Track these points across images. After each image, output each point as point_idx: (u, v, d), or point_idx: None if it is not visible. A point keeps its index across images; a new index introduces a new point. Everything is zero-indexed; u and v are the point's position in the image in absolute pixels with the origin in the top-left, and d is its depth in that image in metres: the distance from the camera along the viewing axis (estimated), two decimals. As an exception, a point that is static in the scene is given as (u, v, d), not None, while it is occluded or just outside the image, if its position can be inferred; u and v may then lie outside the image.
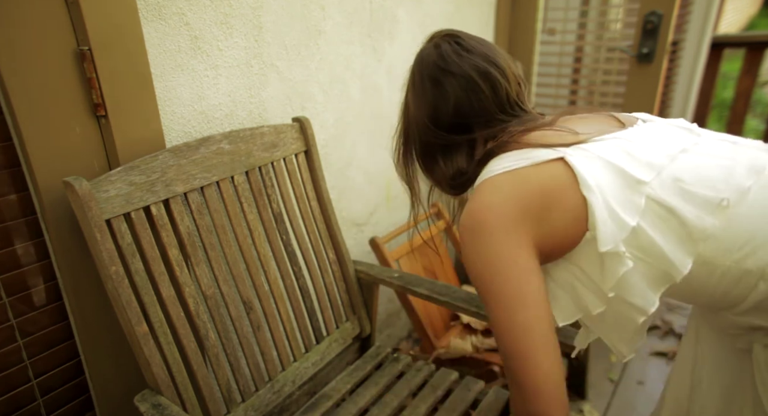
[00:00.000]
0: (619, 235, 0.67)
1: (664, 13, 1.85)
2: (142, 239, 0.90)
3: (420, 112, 0.83)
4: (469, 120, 0.81)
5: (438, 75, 0.81)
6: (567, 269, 0.74)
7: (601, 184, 0.68)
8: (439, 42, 0.84)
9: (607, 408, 1.67)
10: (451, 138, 0.82)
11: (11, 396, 0.95)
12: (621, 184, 0.69)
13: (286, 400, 1.18)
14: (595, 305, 0.72)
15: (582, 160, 0.69)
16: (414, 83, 0.85)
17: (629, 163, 0.70)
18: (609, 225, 0.67)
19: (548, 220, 0.69)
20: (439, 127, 0.82)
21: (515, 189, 0.70)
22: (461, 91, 0.80)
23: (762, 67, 2.54)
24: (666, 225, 0.69)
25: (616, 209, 0.68)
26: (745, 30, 7.59)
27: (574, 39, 2.42)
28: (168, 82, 1.02)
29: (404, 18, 1.62)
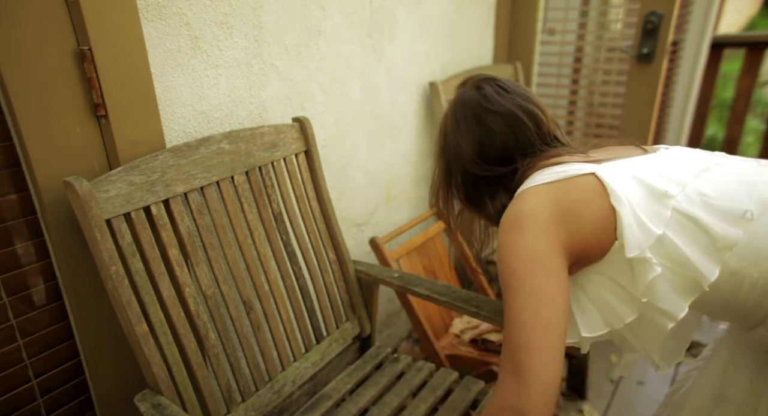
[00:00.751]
0: (645, 242, 0.72)
1: (665, 13, 1.85)
2: (142, 239, 0.90)
3: (467, 150, 0.90)
4: (514, 153, 0.89)
5: (482, 114, 0.89)
6: (597, 281, 0.78)
7: (629, 196, 0.74)
8: (480, 84, 0.92)
9: (607, 408, 1.67)
10: (497, 170, 0.89)
11: (11, 396, 0.95)
12: (648, 196, 0.75)
13: (286, 400, 1.18)
14: (628, 314, 0.76)
15: (612, 175, 0.76)
16: (458, 123, 0.92)
17: (655, 178, 0.76)
18: (636, 232, 0.72)
19: (580, 226, 0.74)
20: (486, 161, 0.90)
21: (551, 195, 0.76)
22: (506, 127, 0.88)
23: (762, 67, 2.54)
24: (691, 234, 0.73)
25: (642, 218, 0.73)
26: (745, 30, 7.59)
27: (574, 39, 2.42)
28: (168, 82, 1.02)
29: (404, 18, 1.62)
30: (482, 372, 1.55)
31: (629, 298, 0.76)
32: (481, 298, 1.15)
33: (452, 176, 0.96)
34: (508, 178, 0.89)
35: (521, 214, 0.76)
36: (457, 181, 0.95)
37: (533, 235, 0.73)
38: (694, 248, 0.72)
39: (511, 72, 2.16)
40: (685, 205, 0.74)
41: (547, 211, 0.74)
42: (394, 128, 1.69)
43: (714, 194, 0.75)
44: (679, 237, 0.73)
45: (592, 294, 0.79)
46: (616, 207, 0.73)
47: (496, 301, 1.14)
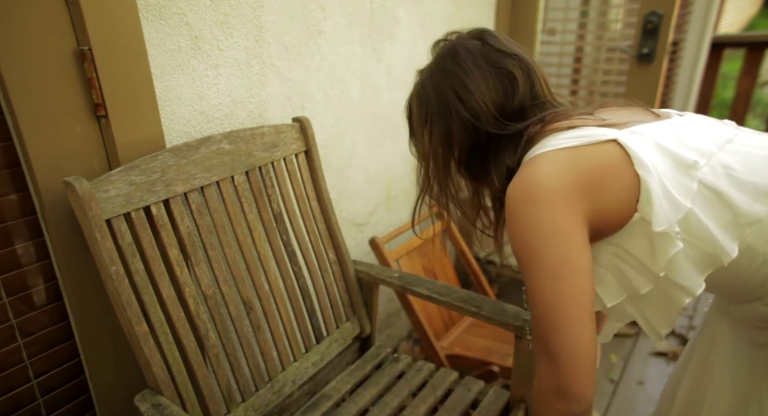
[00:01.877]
0: (674, 216, 0.67)
1: (665, 13, 1.85)
2: (142, 239, 0.90)
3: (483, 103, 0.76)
4: (529, 105, 0.78)
5: (499, 58, 0.77)
6: (611, 252, 0.74)
7: (655, 165, 0.68)
8: (481, 32, 0.81)
9: (607, 408, 1.67)
10: (513, 127, 0.77)
11: (11, 396, 0.95)
12: (673, 167, 0.69)
13: (286, 400, 1.18)
14: (644, 284, 0.72)
15: (635, 142, 0.69)
16: (467, 72, 0.77)
17: (680, 147, 0.70)
18: (664, 205, 0.67)
19: (602, 198, 0.68)
20: (504, 115, 0.77)
21: (572, 163, 0.68)
22: (523, 72, 0.77)
23: (762, 67, 2.54)
24: (714, 209, 0.69)
25: (671, 190, 0.68)
26: (745, 30, 7.59)
27: (574, 39, 2.42)
28: (168, 82, 1.02)
29: (404, 18, 1.62)
30: (482, 372, 1.55)
31: (645, 270, 0.72)
32: (481, 298, 1.15)
33: (454, 141, 0.80)
34: (515, 138, 0.78)
35: (537, 183, 0.67)
36: (461, 145, 0.80)
37: (552, 207, 0.66)
38: (716, 223, 0.69)
39: (511, 72, 2.16)
40: (711, 178, 0.69)
41: (566, 180, 0.67)
42: (394, 128, 1.69)
43: (739, 167, 0.70)
44: (703, 211, 0.69)
45: (606, 264, 0.75)
46: (643, 177, 0.67)
47: (496, 301, 1.14)
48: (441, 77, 0.79)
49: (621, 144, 0.69)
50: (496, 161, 0.80)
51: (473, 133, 0.78)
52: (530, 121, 0.77)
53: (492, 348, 1.68)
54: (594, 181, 0.68)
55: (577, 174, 0.67)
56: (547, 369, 0.67)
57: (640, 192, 0.67)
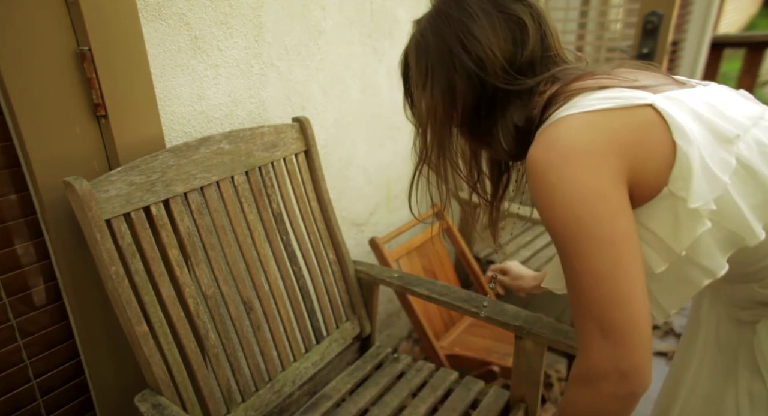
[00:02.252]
0: (711, 193, 0.62)
1: (665, 13, 1.85)
2: (142, 239, 0.90)
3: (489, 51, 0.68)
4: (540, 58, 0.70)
5: (509, 4, 0.68)
6: None
7: (696, 136, 0.62)
8: None
9: (607, 408, 1.67)
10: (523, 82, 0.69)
11: (11, 396, 0.95)
12: (712, 139, 0.63)
13: (286, 400, 1.18)
14: (658, 263, 0.67)
15: (673, 109, 0.63)
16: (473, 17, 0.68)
17: (717, 118, 0.65)
18: (702, 181, 0.61)
19: (642, 162, 0.62)
20: (514, 67, 0.69)
21: (607, 126, 0.62)
22: (533, 20, 0.69)
23: (762, 67, 2.54)
24: (747, 188, 0.64)
25: (710, 165, 0.62)
26: (745, 30, 7.59)
27: (574, 39, 2.42)
28: (168, 82, 1.02)
29: (404, 18, 1.62)
30: (482, 372, 1.55)
31: (663, 248, 0.66)
32: (481, 298, 1.15)
33: (457, 96, 0.71)
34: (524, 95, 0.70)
35: (570, 145, 0.61)
36: (465, 101, 0.71)
37: (590, 168, 0.60)
38: (747, 203, 0.64)
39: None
40: (746, 154, 0.64)
41: (602, 140, 0.61)
42: (394, 128, 1.69)
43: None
44: (736, 189, 0.63)
45: None
46: (682, 147, 0.61)
47: (496, 301, 1.14)
48: (443, 24, 0.70)
49: (658, 109, 0.62)
50: (503, 119, 0.71)
51: (479, 87, 0.70)
52: (542, 77, 0.70)
53: (492, 348, 1.68)
54: (632, 143, 0.61)
55: (612, 134, 0.61)
56: (605, 351, 0.61)
57: (674, 164, 0.61)
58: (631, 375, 0.60)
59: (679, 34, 2.62)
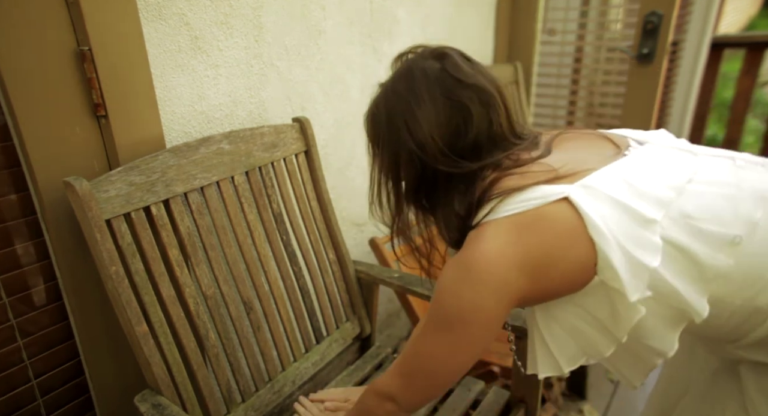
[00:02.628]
0: (642, 282, 0.64)
1: (664, 13, 1.85)
2: (142, 239, 0.90)
3: (431, 138, 0.70)
4: (485, 143, 0.72)
5: (456, 89, 0.70)
6: (573, 312, 0.70)
7: (611, 226, 0.63)
8: (443, 52, 0.73)
9: (607, 408, 1.67)
10: (465, 165, 0.71)
11: (11, 396, 0.95)
12: (632, 223, 0.64)
13: (286, 400, 1.18)
14: (606, 347, 0.69)
15: (588, 200, 0.64)
16: (419, 102, 0.70)
17: (637, 200, 0.66)
18: (629, 273, 0.63)
19: (547, 272, 0.65)
20: (455, 152, 0.71)
21: (517, 237, 0.64)
22: (481, 107, 0.70)
23: (762, 67, 2.54)
24: (678, 264, 0.65)
25: (633, 252, 0.63)
26: (745, 30, 7.59)
27: (575, 39, 2.42)
28: (168, 82, 1.02)
29: (404, 18, 1.62)
30: (482, 373, 1.55)
31: (607, 332, 0.68)
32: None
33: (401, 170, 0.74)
34: (469, 177, 0.72)
35: (479, 261, 0.65)
36: (407, 177, 0.74)
37: (485, 290, 0.65)
38: (683, 280, 0.65)
39: (511, 72, 2.16)
40: (672, 232, 0.65)
41: (508, 260, 0.64)
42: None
43: (698, 215, 0.66)
44: (667, 269, 0.65)
45: (568, 326, 0.71)
46: (597, 242, 0.63)
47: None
48: (393, 101, 0.73)
49: (573, 204, 0.64)
50: (446, 206, 0.74)
51: (419, 167, 0.72)
52: (485, 163, 0.71)
53: (492, 348, 1.67)
54: (540, 257, 0.64)
55: (522, 252, 0.64)
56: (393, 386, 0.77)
57: (597, 256, 0.64)
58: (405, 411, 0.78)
59: (679, 34, 2.62)
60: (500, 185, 0.69)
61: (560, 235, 0.64)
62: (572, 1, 2.32)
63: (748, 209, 0.67)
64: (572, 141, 0.79)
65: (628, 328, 0.66)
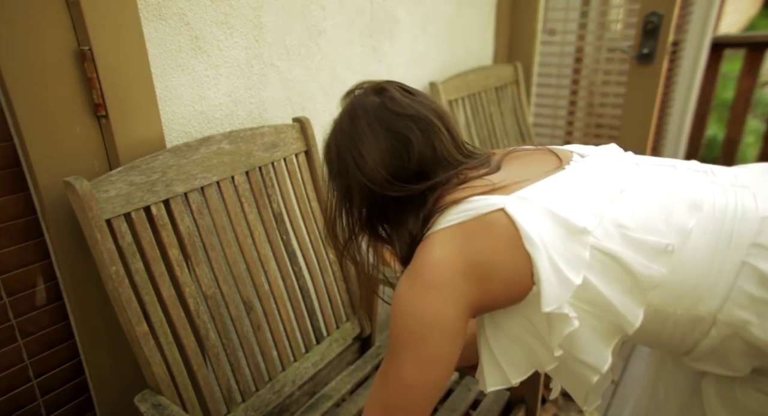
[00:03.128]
0: (564, 295, 0.64)
1: (665, 13, 1.85)
2: (142, 239, 0.90)
3: (375, 167, 0.73)
4: (430, 166, 0.75)
5: (394, 121, 0.74)
6: (519, 322, 0.71)
7: (544, 238, 0.65)
8: (382, 87, 0.78)
9: (607, 409, 1.67)
10: (412, 188, 0.74)
11: (11, 396, 0.95)
12: (564, 234, 0.65)
13: (287, 400, 1.18)
14: (548, 361, 0.70)
15: (523, 211, 0.66)
16: (360, 135, 0.74)
17: (570, 210, 0.67)
18: (554, 284, 0.64)
19: (490, 279, 0.66)
20: (400, 178, 0.74)
21: (461, 243, 0.67)
22: (421, 134, 0.74)
23: (762, 67, 2.54)
24: (612, 275, 0.66)
25: (560, 266, 0.64)
26: (745, 31, 7.59)
27: (575, 39, 2.42)
28: (168, 82, 1.02)
29: (404, 18, 1.62)
30: (482, 373, 1.55)
31: (547, 345, 0.69)
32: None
33: (354, 201, 0.78)
34: (418, 200, 0.74)
35: (427, 269, 0.66)
36: (360, 206, 0.78)
37: (437, 296, 0.65)
38: (616, 290, 0.65)
39: (511, 72, 2.16)
40: (605, 242, 0.65)
41: (454, 266, 0.66)
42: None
43: (632, 224, 0.66)
44: (600, 279, 0.65)
45: (513, 335, 0.72)
46: (531, 252, 0.64)
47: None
48: (340, 138, 0.77)
49: (508, 214, 0.66)
50: (399, 228, 0.76)
51: (370, 196, 0.76)
52: (430, 183, 0.74)
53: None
54: (483, 263, 0.66)
55: (463, 256, 0.66)
56: None
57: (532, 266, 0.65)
58: None
59: (679, 34, 2.62)
60: (442, 201, 0.72)
61: (498, 242, 0.66)
62: (572, 1, 2.33)
63: (681, 217, 0.67)
64: (520, 158, 0.81)
65: (559, 340, 0.66)
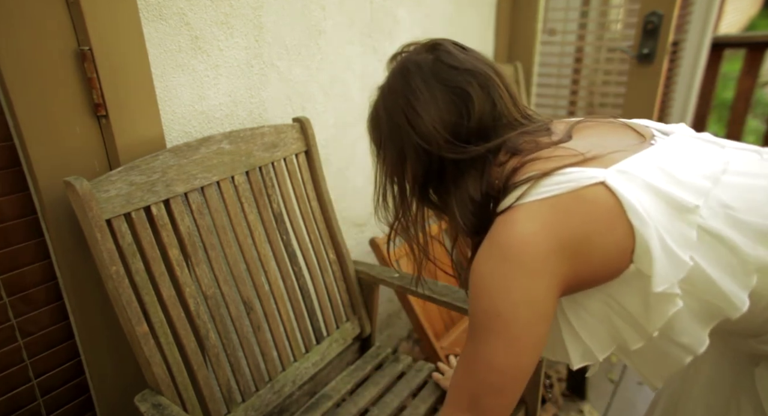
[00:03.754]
0: (676, 275, 0.60)
1: (665, 13, 1.85)
2: (142, 239, 0.90)
3: (433, 126, 0.69)
4: (489, 126, 0.70)
5: (451, 75, 0.69)
6: (603, 301, 0.67)
7: (650, 213, 0.60)
8: (435, 44, 0.73)
9: (607, 408, 1.67)
10: (472, 150, 0.69)
11: (11, 396, 0.95)
12: (669, 212, 0.61)
13: (287, 400, 1.18)
14: (635, 340, 0.66)
15: (625, 185, 0.61)
16: (415, 94, 0.70)
17: (674, 187, 0.62)
18: (664, 263, 0.60)
19: (587, 259, 0.61)
20: (459, 138, 0.69)
21: (554, 219, 0.61)
22: (480, 89, 0.69)
23: (762, 67, 2.54)
24: (718, 256, 0.62)
25: (670, 244, 0.60)
26: (745, 30, 7.59)
27: (575, 39, 2.42)
28: (168, 82, 1.02)
29: (405, 18, 1.62)
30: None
31: (637, 327, 0.65)
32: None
33: (408, 167, 0.73)
34: (478, 162, 0.70)
35: (515, 243, 0.61)
36: (415, 172, 0.73)
37: (528, 273, 0.60)
38: (722, 273, 0.62)
39: (511, 72, 2.16)
40: (711, 222, 0.62)
41: (546, 242, 0.60)
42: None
43: (737, 205, 0.63)
44: (706, 260, 0.61)
45: (595, 313, 0.68)
46: (638, 227, 0.59)
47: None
48: (391, 99, 0.73)
49: (610, 188, 0.61)
50: (458, 190, 0.71)
51: (426, 159, 0.71)
52: (491, 145, 0.69)
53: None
54: (579, 240, 0.61)
55: (560, 232, 0.60)
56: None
57: (635, 242, 0.60)
58: None
59: (679, 34, 2.62)
60: (525, 170, 0.66)
61: (599, 219, 0.61)
62: (572, 1, 2.33)
63: None
64: (592, 129, 0.75)
65: (662, 322, 0.62)
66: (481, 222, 0.69)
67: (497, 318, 0.62)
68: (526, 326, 0.61)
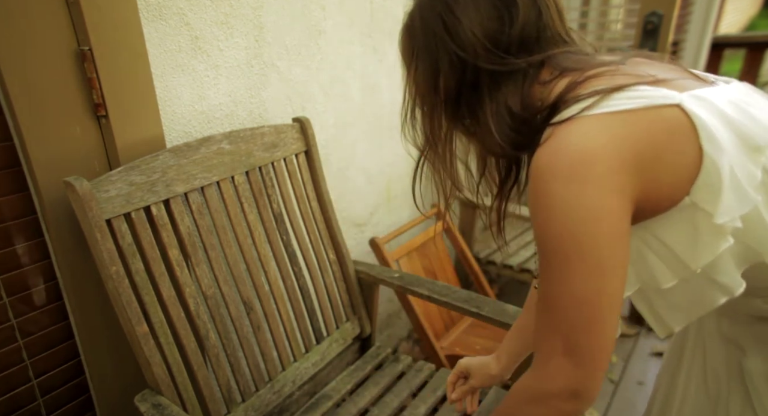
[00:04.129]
0: (739, 209, 0.56)
1: (665, 13, 1.85)
2: (142, 239, 0.90)
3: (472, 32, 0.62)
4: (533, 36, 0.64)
5: None
6: (639, 237, 0.62)
7: (726, 144, 0.56)
8: None
9: (607, 408, 1.67)
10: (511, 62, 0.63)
11: (11, 396, 0.95)
12: (740, 147, 0.57)
13: (287, 400, 1.18)
14: (667, 279, 0.62)
15: (702, 111, 0.56)
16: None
17: (747, 122, 0.58)
18: (731, 195, 0.56)
19: (657, 177, 0.56)
20: (499, 46, 0.63)
21: (626, 132, 0.55)
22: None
23: (762, 67, 2.54)
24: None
25: (740, 178, 0.56)
26: (745, 31, 7.59)
27: (575, 39, 2.42)
28: (168, 82, 1.02)
29: (405, 18, 1.61)
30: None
31: (676, 263, 0.61)
32: (481, 298, 1.15)
33: (440, 79, 0.67)
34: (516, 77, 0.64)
35: (581, 154, 0.55)
36: (447, 84, 0.67)
37: (600, 188, 0.54)
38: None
39: (512, 72, 2.16)
40: None
41: (619, 155, 0.55)
42: (394, 128, 1.69)
43: None
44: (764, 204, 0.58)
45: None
46: (712, 155, 0.55)
47: (496, 302, 1.14)
48: (428, 4, 0.66)
49: (686, 111, 0.56)
50: (493, 103, 0.64)
51: (461, 69, 0.65)
52: (536, 58, 0.63)
53: (492, 348, 1.67)
54: (652, 156, 0.56)
55: (633, 146, 0.55)
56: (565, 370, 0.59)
57: (699, 173, 0.56)
58: (583, 396, 0.59)
59: (679, 34, 2.62)
60: (588, 84, 0.60)
61: (673, 139, 0.56)
62: (572, 1, 2.33)
63: None
64: (647, 64, 0.70)
65: (710, 258, 0.58)
66: (520, 136, 0.64)
67: (572, 240, 0.56)
68: (606, 246, 0.56)
